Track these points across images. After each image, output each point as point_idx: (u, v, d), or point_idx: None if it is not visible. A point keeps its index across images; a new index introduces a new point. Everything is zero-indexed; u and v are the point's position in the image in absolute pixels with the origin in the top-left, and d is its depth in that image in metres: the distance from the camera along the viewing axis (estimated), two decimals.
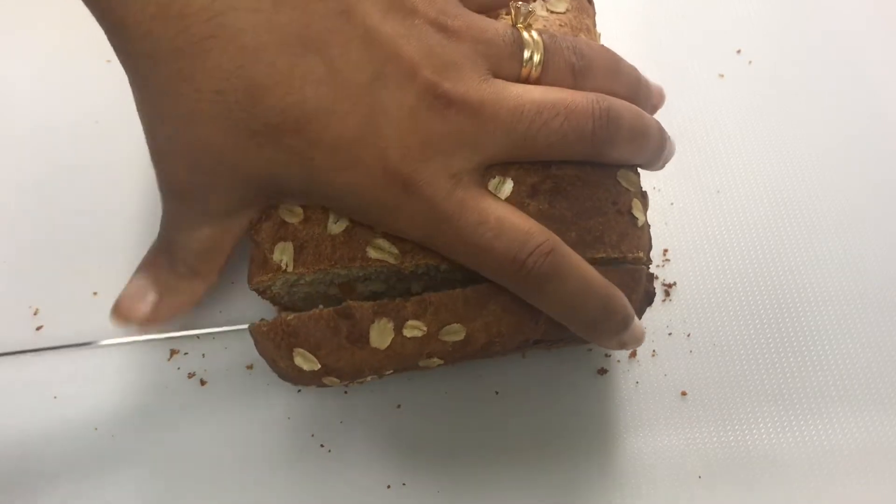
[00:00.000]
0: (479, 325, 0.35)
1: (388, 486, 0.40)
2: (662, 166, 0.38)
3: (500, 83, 0.33)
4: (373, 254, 0.34)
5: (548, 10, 0.40)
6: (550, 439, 0.41)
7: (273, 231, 0.36)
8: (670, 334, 0.44)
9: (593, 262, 0.34)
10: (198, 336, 0.43)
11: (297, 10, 0.29)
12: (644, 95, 0.38)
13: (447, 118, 0.31)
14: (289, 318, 0.35)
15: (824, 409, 0.42)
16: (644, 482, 0.40)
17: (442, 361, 0.36)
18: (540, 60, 0.34)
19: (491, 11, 0.37)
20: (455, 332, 0.35)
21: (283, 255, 0.35)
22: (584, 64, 0.35)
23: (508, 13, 0.37)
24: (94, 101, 0.50)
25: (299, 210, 0.35)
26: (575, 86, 0.35)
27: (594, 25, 0.42)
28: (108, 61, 0.51)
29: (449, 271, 0.36)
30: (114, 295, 0.44)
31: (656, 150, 0.36)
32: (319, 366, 0.36)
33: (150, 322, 0.35)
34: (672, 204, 0.47)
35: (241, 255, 0.39)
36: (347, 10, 0.30)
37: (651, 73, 0.39)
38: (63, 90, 0.50)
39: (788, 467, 0.41)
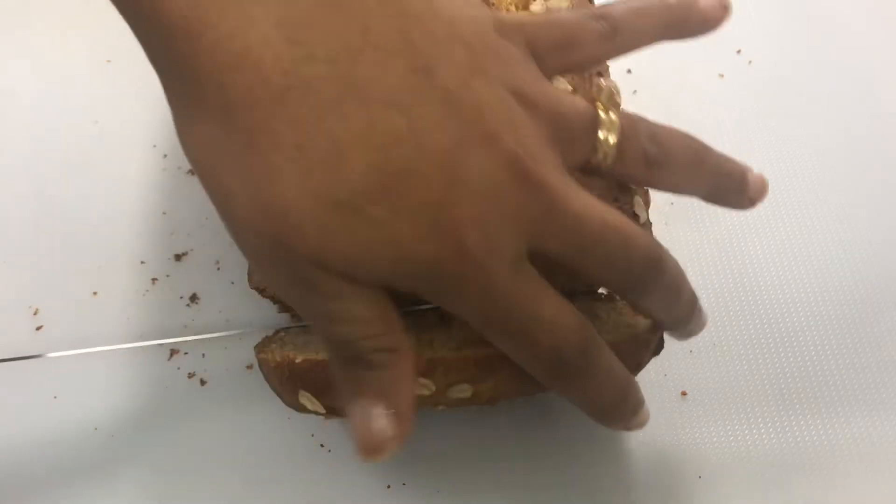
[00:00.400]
0: (488, 386, 0.35)
1: (388, 487, 0.40)
2: (684, 335, 0.36)
3: (571, 180, 0.31)
4: None
5: (549, 8, 0.40)
6: (550, 439, 0.41)
7: None
8: None
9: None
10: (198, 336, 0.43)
11: (375, 65, 0.27)
12: (734, 189, 0.36)
13: (523, 198, 0.29)
14: (297, 360, 0.35)
15: (824, 409, 0.42)
16: (644, 482, 0.40)
17: (445, 408, 0.36)
18: (614, 146, 0.32)
19: (568, 74, 0.35)
20: (462, 391, 0.35)
21: None
22: (661, 154, 0.33)
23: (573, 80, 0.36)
24: (94, 101, 0.50)
25: None
26: (648, 177, 0.33)
27: None
28: (108, 61, 0.51)
29: None
30: (114, 295, 0.45)
31: (681, 318, 0.35)
32: (324, 409, 0.36)
33: (405, 434, 0.31)
34: (672, 204, 0.47)
35: (240, 255, 0.39)
36: (426, 68, 0.28)
37: (651, 72, 0.39)
38: (63, 90, 0.50)
39: (788, 467, 0.41)
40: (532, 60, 0.32)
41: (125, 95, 0.50)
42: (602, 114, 0.32)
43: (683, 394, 0.42)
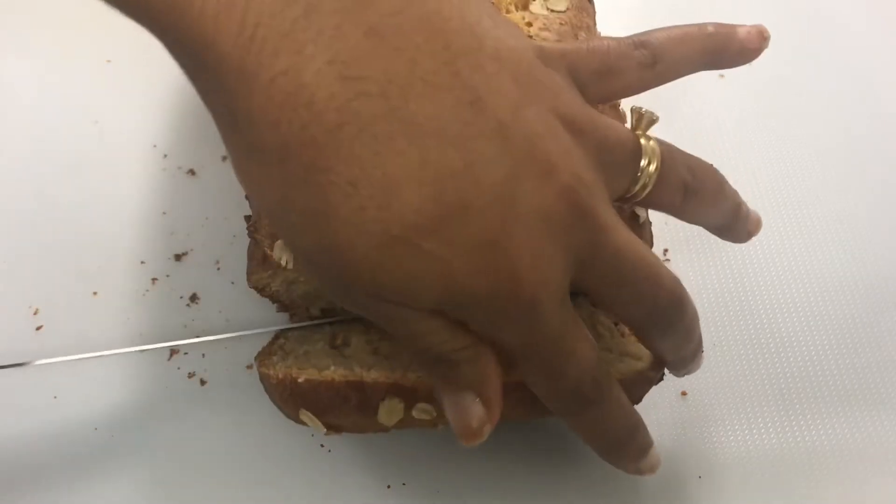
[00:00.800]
0: None
1: (388, 486, 0.40)
2: (682, 374, 0.38)
3: (614, 211, 0.31)
4: None
5: (548, 8, 0.40)
6: (550, 439, 0.41)
7: (273, 229, 0.36)
8: None
9: None
10: (198, 336, 0.43)
11: (425, 99, 0.27)
12: (741, 223, 0.37)
13: (574, 232, 0.29)
14: (300, 379, 0.35)
15: (824, 409, 0.42)
16: (644, 482, 0.40)
17: (445, 427, 0.37)
18: (654, 175, 0.32)
19: (609, 102, 0.36)
20: None
21: (283, 252, 0.35)
22: (696, 184, 0.34)
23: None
24: (94, 101, 0.50)
25: None
26: (682, 206, 0.34)
27: (594, 24, 0.42)
28: (108, 61, 0.51)
29: None
30: (114, 295, 0.45)
31: (686, 359, 0.36)
32: (324, 428, 0.36)
33: (496, 418, 0.32)
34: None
35: (241, 256, 0.39)
36: (476, 101, 0.28)
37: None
38: (63, 90, 0.50)
39: (788, 467, 0.41)
40: (575, 88, 0.32)
41: (125, 95, 0.50)
42: (643, 141, 0.32)
43: (683, 394, 0.42)
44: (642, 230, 0.36)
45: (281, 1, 0.26)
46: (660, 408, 0.42)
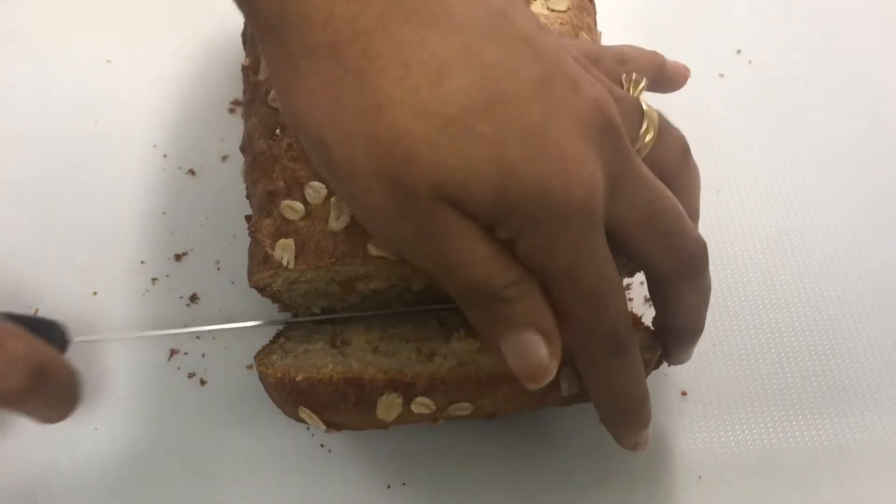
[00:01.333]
0: (488, 402, 0.36)
1: (388, 486, 0.40)
2: (680, 359, 0.38)
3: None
4: (374, 251, 0.34)
5: (549, 8, 0.40)
6: (550, 439, 0.41)
7: (274, 228, 0.36)
8: None
9: None
10: (198, 336, 0.43)
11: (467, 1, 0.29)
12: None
13: (607, 143, 0.30)
14: (298, 377, 0.35)
15: (824, 409, 0.42)
16: (644, 482, 0.40)
17: (445, 421, 0.37)
18: (656, 133, 0.33)
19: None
20: (463, 409, 0.36)
21: (284, 252, 0.35)
22: (686, 151, 0.35)
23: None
24: (94, 101, 0.50)
25: (300, 207, 0.35)
26: (682, 165, 0.35)
27: (595, 24, 0.42)
28: (108, 61, 0.51)
29: None
30: (114, 295, 0.45)
31: (697, 328, 0.36)
32: (324, 426, 0.36)
33: (559, 354, 0.31)
34: None
35: (241, 255, 0.39)
36: (504, 13, 0.29)
37: None
38: (63, 90, 0.50)
39: (788, 467, 0.41)
40: None
41: (125, 95, 0.50)
42: (644, 105, 0.34)
43: (683, 394, 0.42)
44: None
45: None
46: (660, 408, 0.42)
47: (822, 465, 0.41)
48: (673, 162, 0.34)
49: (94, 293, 0.45)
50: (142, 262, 0.45)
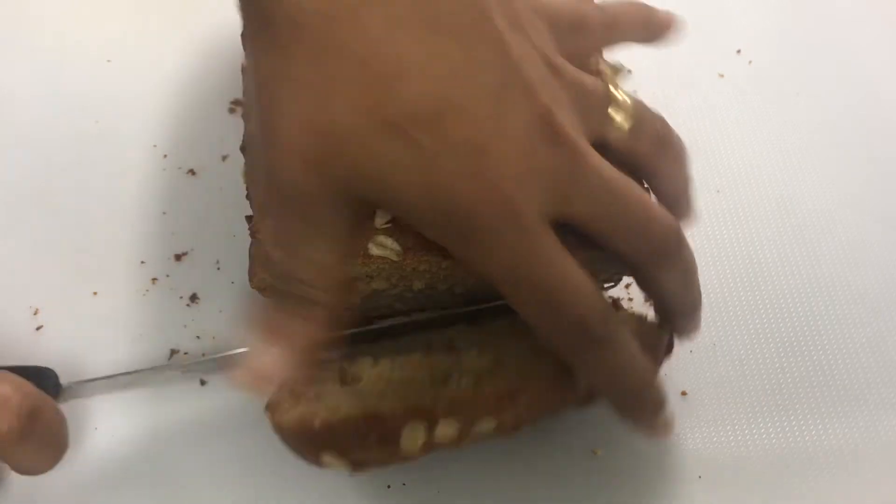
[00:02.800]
0: (510, 415, 0.35)
1: (389, 486, 0.40)
2: (688, 329, 0.38)
3: (594, 151, 0.32)
4: (375, 251, 0.34)
5: None
6: (550, 439, 0.41)
7: None
8: None
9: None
10: (198, 336, 0.43)
11: None
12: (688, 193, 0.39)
13: (555, 154, 0.30)
14: (316, 423, 0.34)
15: (824, 409, 0.42)
16: (644, 482, 0.40)
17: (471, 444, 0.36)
18: (627, 120, 0.33)
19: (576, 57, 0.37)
20: (487, 425, 0.35)
21: None
22: (667, 135, 0.35)
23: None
24: (94, 101, 0.50)
25: None
26: (658, 158, 0.35)
27: None
28: (108, 61, 0.51)
29: (450, 268, 0.36)
30: (114, 295, 0.45)
31: (692, 303, 0.37)
32: (350, 468, 0.35)
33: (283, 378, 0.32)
34: None
35: (241, 255, 0.39)
36: (483, 11, 0.29)
37: (651, 72, 0.39)
38: (63, 90, 0.50)
39: (788, 467, 0.41)
40: (553, 39, 0.33)
41: (125, 95, 0.50)
42: (615, 93, 0.34)
43: (683, 394, 0.42)
44: None
45: None
46: None
47: (823, 464, 0.41)
48: (649, 147, 0.34)
49: (94, 293, 0.45)
50: (142, 262, 0.45)
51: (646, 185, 0.35)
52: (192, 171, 0.48)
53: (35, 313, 0.44)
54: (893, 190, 0.48)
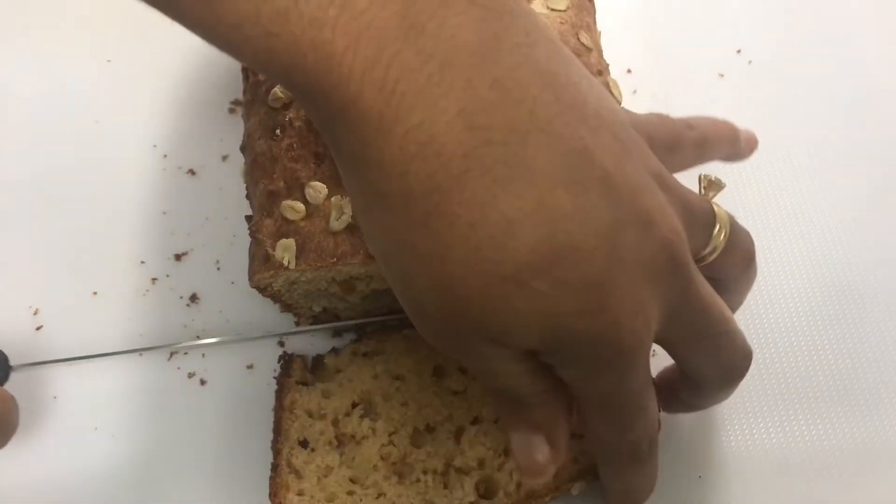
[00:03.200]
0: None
1: None
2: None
3: (699, 272, 0.32)
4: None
5: (548, 7, 0.40)
6: None
7: (275, 228, 0.36)
8: None
9: None
10: (198, 336, 0.43)
11: (542, 147, 0.28)
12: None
13: (671, 284, 0.30)
14: None
15: (824, 409, 0.42)
16: None
17: None
18: (724, 242, 0.34)
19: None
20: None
21: (285, 252, 0.35)
22: (752, 254, 0.36)
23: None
24: (94, 101, 0.50)
25: (301, 207, 0.35)
26: (742, 274, 0.36)
27: (594, 23, 0.42)
28: (109, 61, 0.51)
29: None
30: (114, 295, 0.45)
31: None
32: None
33: (559, 460, 0.33)
34: None
35: (241, 256, 0.39)
36: (585, 150, 0.29)
37: (651, 72, 0.39)
38: (63, 90, 0.50)
39: (788, 467, 0.41)
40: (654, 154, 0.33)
41: (125, 95, 0.50)
42: (716, 208, 0.34)
43: None
44: None
45: (420, 58, 0.27)
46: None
47: (822, 464, 0.41)
48: (737, 267, 0.35)
49: (94, 293, 0.45)
50: (142, 262, 0.45)
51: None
52: (191, 171, 0.48)
53: (35, 313, 0.44)
54: (894, 189, 0.48)
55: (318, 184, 0.35)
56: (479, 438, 0.38)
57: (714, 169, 0.48)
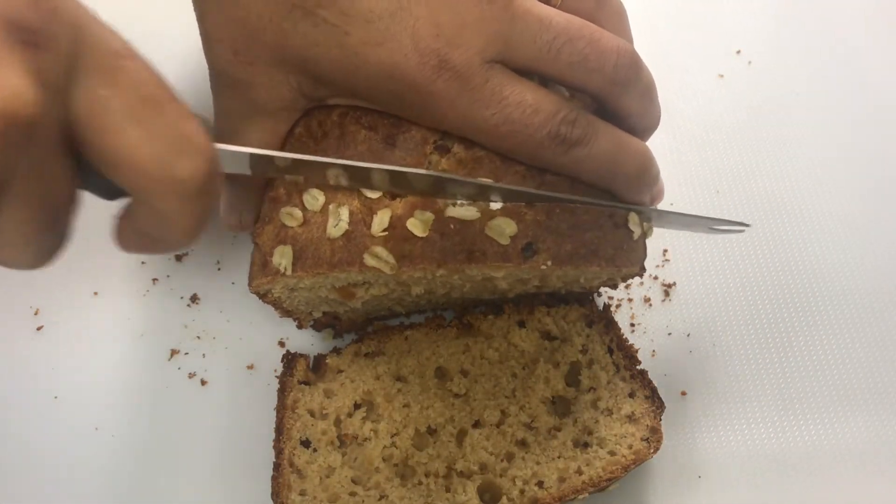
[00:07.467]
0: None
1: None
2: (650, 199, 0.38)
3: None
4: (370, 261, 0.34)
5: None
6: None
7: (273, 234, 0.35)
8: (670, 334, 0.44)
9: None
10: (198, 336, 0.43)
11: None
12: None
13: (481, 5, 0.31)
14: None
15: (824, 409, 0.42)
16: (644, 482, 0.40)
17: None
18: None
19: None
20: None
21: (282, 258, 0.35)
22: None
23: None
24: None
25: (299, 214, 0.35)
26: (594, 10, 0.35)
27: None
28: None
29: (446, 276, 0.36)
30: (114, 295, 0.45)
31: (652, 127, 0.37)
32: None
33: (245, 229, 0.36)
34: (672, 204, 0.46)
35: (242, 256, 0.39)
36: None
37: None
38: None
39: (788, 467, 0.41)
40: None
41: None
42: None
43: (683, 394, 0.42)
44: (636, 245, 0.36)
45: None
46: None
47: (822, 464, 0.41)
48: (587, 4, 0.35)
49: (95, 293, 0.44)
50: (142, 263, 0.45)
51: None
52: None
53: (35, 313, 0.44)
54: (893, 188, 0.48)
55: (315, 190, 0.35)
56: (481, 442, 0.38)
57: (717, 175, 0.49)
